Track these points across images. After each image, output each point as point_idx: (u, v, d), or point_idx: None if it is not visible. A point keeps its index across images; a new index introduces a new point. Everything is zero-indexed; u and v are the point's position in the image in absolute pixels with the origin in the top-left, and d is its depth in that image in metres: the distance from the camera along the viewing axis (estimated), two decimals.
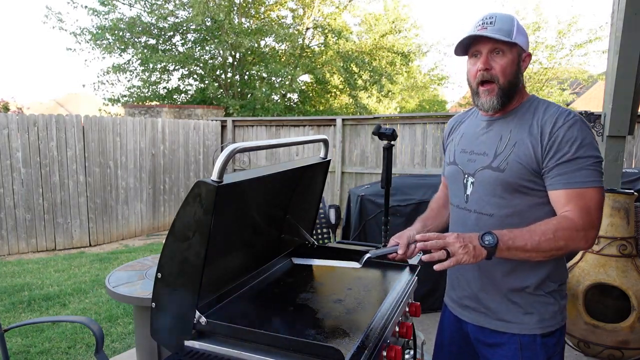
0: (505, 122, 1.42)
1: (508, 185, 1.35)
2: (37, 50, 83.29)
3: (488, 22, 1.35)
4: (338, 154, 7.51)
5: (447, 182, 1.60)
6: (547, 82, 14.93)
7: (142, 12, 12.45)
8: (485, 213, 1.40)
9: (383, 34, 13.75)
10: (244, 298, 1.45)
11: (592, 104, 16.63)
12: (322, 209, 4.65)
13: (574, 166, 1.26)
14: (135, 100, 12.65)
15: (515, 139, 1.36)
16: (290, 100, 13.87)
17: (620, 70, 3.00)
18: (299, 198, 1.78)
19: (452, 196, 1.56)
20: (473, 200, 1.44)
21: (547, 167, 1.30)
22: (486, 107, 1.40)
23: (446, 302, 1.65)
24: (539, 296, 1.39)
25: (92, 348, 3.26)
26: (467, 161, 1.48)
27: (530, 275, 1.38)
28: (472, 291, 1.48)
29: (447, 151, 1.63)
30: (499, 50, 1.34)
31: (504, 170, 1.35)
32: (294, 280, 1.63)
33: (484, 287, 1.45)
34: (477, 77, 1.38)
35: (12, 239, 6.19)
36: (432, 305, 3.90)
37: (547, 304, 1.39)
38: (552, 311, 1.40)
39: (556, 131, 1.29)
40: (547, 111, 1.35)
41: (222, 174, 1.11)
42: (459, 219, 1.51)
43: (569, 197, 1.26)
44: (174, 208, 8.04)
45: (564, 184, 1.27)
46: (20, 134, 6.15)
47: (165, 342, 1.22)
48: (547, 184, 1.31)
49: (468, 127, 1.56)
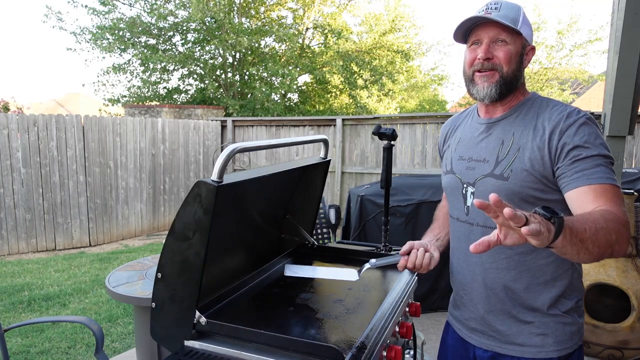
0: (506, 124, 1.28)
1: (514, 194, 1.21)
2: (37, 50, 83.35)
3: (493, 7, 1.22)
4: (338, 154, 7.51)
5: (446, 193, 1.47)
6: (547, 82, 14.94)
7: (142, 12, 12.46)
8: (492, 226, 1.21)
9: (383, 33, 13.76)
10: (244, 298, 1.45)
11: (592, 104, 16.65)
12: (322, 209, 4.65)
13: (591, 162, 1.12)
14: (135, 100, 12.66)
15: (519, 143, 1.23)
16: (290, 100, 13.88)
17: (620, 70, 2.99)
18: (299, 198, 1.78)
19: (452, 208, 1.42)
20: (475, 212, 1.30)
21: (561, 167, 1.16)
22: (482, 94, 1.26)
23: (450, 321, 1.51)
24: (554, 316, 1.25)
25: (92, 348, 3.26)
26: (466, 169, 1.34)
27: (544, 292, 1.25)
28: (478, 313, 1.35)
29: (444, 159, 1.48)
30: (503, 39, 1.22)
31: (508, 179, 1.22)
32: (294, 280, 1.63)
33: (491, 307, 1.31)
34: (474, 65, 1.26)
35: (12, 239, 6.19)
36: (432, 305, 3.90)
37: (564, 324, 1.25)
38: (569, 332, 1.26)
39: (567, 129, 1.16)
40: (553, 110, 1.22)
41: (222, 174, 1.11)
42: (461, 234, 1.37)
43: (597, 193, 1.10)
44: (174, 208, 8.04)
45: (587, 179, 1.11)
46: (20, 134, 6.15)
47: (165, 342, 1.22)
48: (563, 185, 1.16)
49: (465, 132, 1.42)
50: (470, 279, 1.36)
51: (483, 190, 1.27)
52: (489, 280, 1.30)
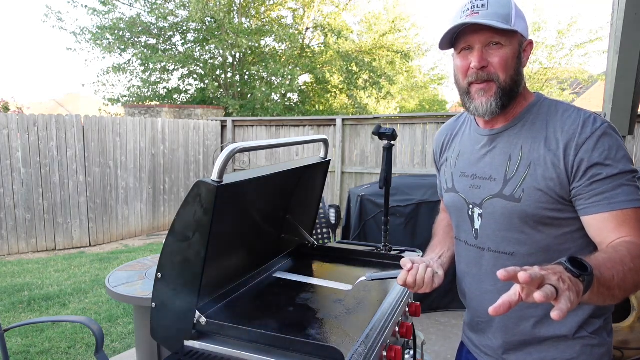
0: (512, 135, 1.14)
1: (527, 217, 1.09)
2: (36, 50, 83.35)
3: (479, 4, 1.06)
4: (338, 154, 7.52)
5: (449, 213, 1.33)
6: (547, 82, 14.94)
7: (142, 12, 12.47)
8: (504, 252, 1.14)
9: (383, 34, 13.76)
10: (244, 298, 1.45)
11: (592, 104, 16.64)
12: (322, 209, 4.65)
13: (612, 183, 1.01)
14: (135, 100, 12.66)
15: (530, 159, 1.08)
16: (290, 100, 13.88)
17: (620, 70, 2.99)
18: (299, 198, 1.78)
19: (458, 230, 1.29)
20: (485, 236, 1.18)
21: (578, 188, 1.04)
22: (482, 110, 1.12)
23: (465, 343, 1.37)
24: (582, 339, 1.12)
25: (92, 348, 3.26)
26: (470, 188, 1.20)
27: (569, 317, 1.10)
28: (497, 343, 1.22)
29: (442, 173, 1.34)
30: (496, 41, 1.06)
31: (520, 200, 1.08)
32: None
33: (511, 338, 1.18)
34: (468, 75, 1.11)
35: (12, 239, 6.19)
36: (432, 305, 3.90)
37: (592, 346, 1.12)
38: (598, 354, 1.13)
39: (584, 143, 1.02)
40: (565, 117, 1.08)
41: (222, 174, 1.11)
42: (470, 259, 1.24)
43: (619, 220, 1.00)
44: (174, 208, 8.04)
45: (607, 205, 1.01)
46: (20, 134, 6.15)
47: (165, 342, 1.22)
48: (580, 208, 1.05)
49: (464, 144, 1.27)
50: (486, 308, 1.25)
51: (492, 213, 1.15)
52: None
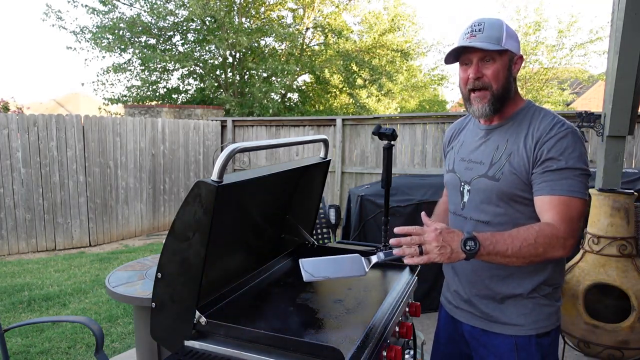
0: (503, 131, 1.43)
1: (503, 194, 1.37)
2: (36, 50, 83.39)
3: (477, 29, 1.35)
4: (338, 154, 7.51)
5: (447, 189, 1.63)
6: (547, 82, 14.95)
7: (142, 12, 12.46)
8: (482, 220, 1.42)
9: (382, 32, 13.75)
10: (244, 298, 1.45)
11: (592, 104, 16.63)
12: (322, 209, 4.65)
13: (560, 175, 1.28)
14: (135, 100, 12.65)
15: (511, 149, 1.38)
16: (290, 100, 13.88)
17: (620, 70, 2.99)
18: (299, 198, 1.78)
19: (450, 203, 1.60)
20: (469, 207, 1.47)
21: (534, 174, 1.32)
22: (478, 114, 1.42)
23: (442, 302, 1.67)
24: (534, 299, 1.41)
25: (92, 348, 3.26)
26: (465, 169, 1.50)
27: (526, 281, 1.40)
28: (466, 295, 1.51)
29: (447, 159, 1.65)
30: (489, 57, 1.35)
31: (499, 180, 1.37)
32: (294, 280, 1.63)
33: (478, 292, 1.47)
34: (468, 84, 1.40)
35: (12, 239, 6.19)
36: (432, 305, 3.90)
37: (542, 305, 1.41)
38: (547, 313, 1.41)
39: (547, 141, 1.30)
40: (542, 121, 1.36)
41: (222, 174, 1.11)
42: (456, 226, 1.51)
43: (552, 204, 1.27)
44: (174, 208, 8.04)
45: (549, 190, 1.28)
46: (20, 134, 6.15)
47: (165, 342, 1.22)
48: (533, 191, 1.33)
49: (467, 136, 1.58)
50: (460, 266, 1.51)
51: (477, 189, 1.44)
52: (478, 269, 1.44)
